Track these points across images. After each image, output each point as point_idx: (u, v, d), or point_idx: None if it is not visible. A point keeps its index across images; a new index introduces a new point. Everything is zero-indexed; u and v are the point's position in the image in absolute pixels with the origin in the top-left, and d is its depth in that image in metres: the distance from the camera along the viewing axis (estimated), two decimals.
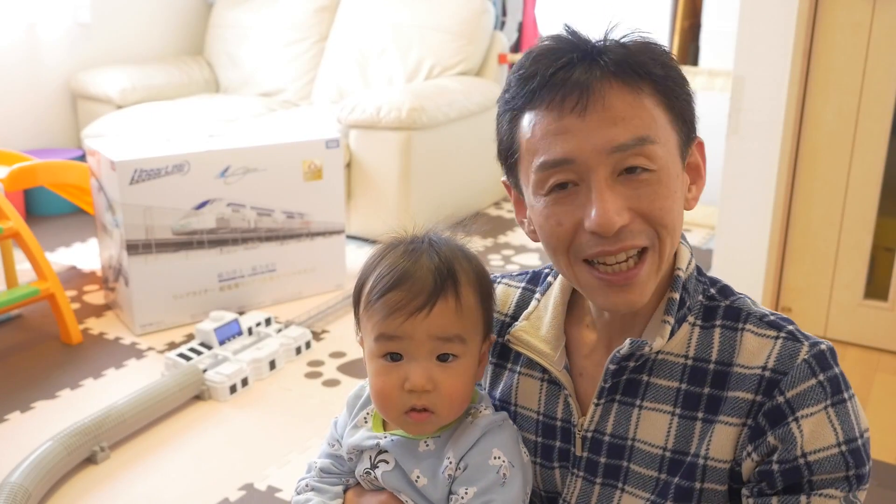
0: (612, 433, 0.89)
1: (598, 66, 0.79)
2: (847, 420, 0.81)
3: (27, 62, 3.96)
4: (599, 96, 0.78)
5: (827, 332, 2.65)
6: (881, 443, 2.09)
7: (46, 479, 1.82)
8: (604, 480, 0.90)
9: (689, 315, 0.87)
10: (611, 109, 0.78)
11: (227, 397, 2.28)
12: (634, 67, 0.79)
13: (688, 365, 0.86)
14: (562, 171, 0.80)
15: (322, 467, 0.99)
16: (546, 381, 0.94)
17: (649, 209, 0.80)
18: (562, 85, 0.79)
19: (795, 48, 2.43)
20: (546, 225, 0.83)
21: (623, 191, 0.79)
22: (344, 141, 3.29)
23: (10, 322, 2.75)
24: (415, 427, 0.88)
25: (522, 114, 0.83)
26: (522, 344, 0.94)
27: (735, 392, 0.83)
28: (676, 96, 0.82)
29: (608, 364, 0.86)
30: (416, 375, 0.85)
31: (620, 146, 0.78)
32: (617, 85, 0.78)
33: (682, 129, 0.83)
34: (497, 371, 0.99)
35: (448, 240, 0.92)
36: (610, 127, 0.78)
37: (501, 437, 0.90)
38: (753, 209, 2.62)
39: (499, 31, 4.03)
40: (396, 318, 0.85)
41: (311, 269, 2.97)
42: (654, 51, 0.82)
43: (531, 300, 0.98)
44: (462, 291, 0.87)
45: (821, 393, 0.80)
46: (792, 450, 0.80)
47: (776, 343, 0.83)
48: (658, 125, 0.80)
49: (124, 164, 2.50)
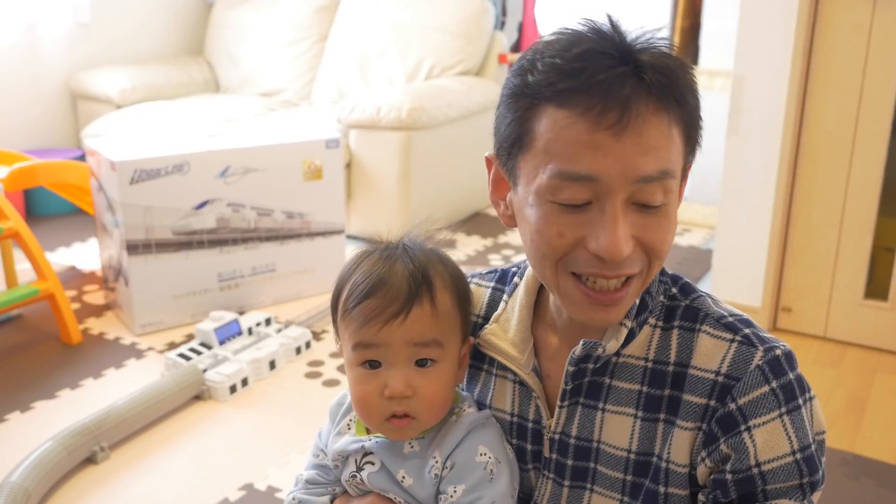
0: (578, 435, 0.88)
1: (643, 84, 0.74)
2: (801, 427, 0.80)
3: (27, 62, 3.96)
4: (639, 120, 0.73)
5: (827, 332, 2.65)
6: (881, 443, 2.09)
7: (46, 479, 1.82)
8: (572, 482, 0.90)
9: (651, 317, 0.86)
10: (645, 136, 0.74)
11: (227, 397, 2.28)
12: (676, 95, 0.75)
13: (648, 367, 0.85)
14: (581, 186, 0.75)
15: (308, 479, 1.00)
16: (517, 383, 0.94)
17: (652, 241, 0.78)
18: (605, 95, 0.73)
19: (795, 48, 2.43)
20: (545, 231, 0.79)
21: (633, 219, 0.77)
22: (344, 141, 3.29)
23: (10, 322, 2.75)
24: (396, 433, 0.88)
25: (547, 106, 0.76)
26: (491, 347, 0.93)
27: (690, 396, 0.82)
28: (696, 125, 0.79)
29: (567, 366, 0.86)
30: (394, 382, 0.85)
31: (646, 177, 0.75)
32: (655, 110, 0.74)
33: (689, 153, 0.81)
34: (473, 372, 0.99)
35: (423, 245, 0.92)
36: (641, 155, 0.74)
37: (486, 434, 0.90)
38: (753, 209, 2.62)
39: (499, 31, 4.03)
40: (373, 326, 0.85)
41: (311, 269, 2.97)
42: (688, 71, 0.78)
43: (500, 301, 0.97)
44: (437, 296, 0.87)
45: (773, 401, 0.79)
46: (745, 459, 0.79)
47: (731, 346, 0.82)
48: (678, 154, 0.78)
49: (124, 164, 2.50)
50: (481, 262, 3.32)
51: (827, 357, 2.55)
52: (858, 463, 2.00)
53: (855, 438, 2.10)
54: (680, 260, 3.31)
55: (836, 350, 2.60)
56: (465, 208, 3.83)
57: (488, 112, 3.75)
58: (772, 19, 2.46)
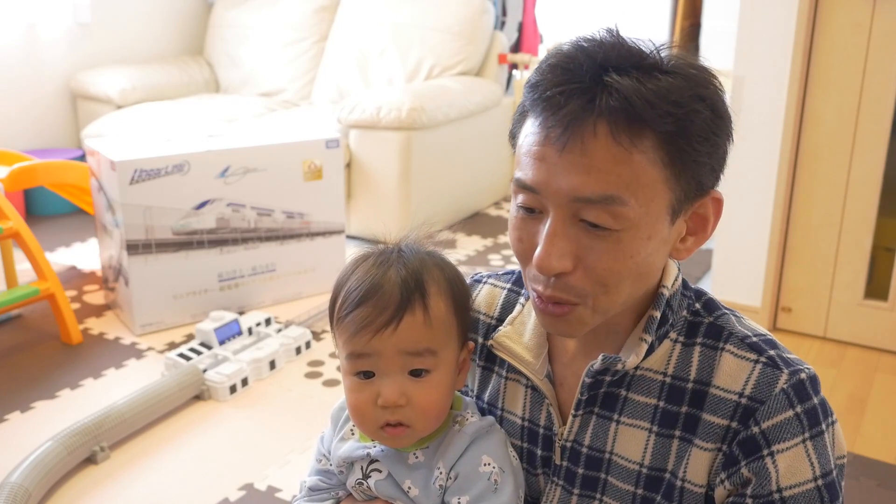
0: (590, 445, 0.88)
1: (594, 105, 0.72)
2: (824, 453, 0.79)
3: (27, 62, 3.96)
4: (580, 139, 0.72)
5: (827, 332, 2.65)
6: (881, 443, 2.09)
7: (46, 479, 1.82)
8: (581, 491, 0.89)
9: (672, 331, 0.85)
10: (589, 157, 0.73)
11: (227, 397, 2.28)
12: (633, 119, 0.72)
13: (666, 382, 0.84)
14: (528, 195, 0.78)
15: (311, 486, 0.99)
16: (530, 387, 0.93)
17: (594, 265, 0.76)
18: (554, 110, 0.74)
19: (795, 48, 2.43)
20: (512, 235, 0.82)
21: (578, 236, 0.76)
22: (344, 141, 3.29)
23: (10, 322, 2.75)
24: (391, 441, 0.88)
25: (527, 113, 0.80)
26: (505, 350, 0.92)
27: (711, 416, 0.81)
28: (684, 156, 0.75)
29: (584, 377, 0.85)
30: (387, 391, 0.85)
31: (584, 198, 0.74)
32: (604, 133, 0.72)
33: (683, 188, 0.76)
34: (485, 374, 0.98)
35: (420, 248, 0.91)
36: (582, 174, 0.73)
37: (490, 443, 0.89)
38: (753, 209, 2.62)
39: (499, 31, 4.03)
40: (364, 335, 0.84)
41: (311, 269, 2.97)
42: (680, 94, 0.73)
43: (517, 303, 0.96)
44: (431, 303, 0.85)
45: (797, 426, 0.78)
46: (766, 485, 0.78)
47: (755, 368, 0.81)
48: (640, 184, 0.73)
49: (124, 164, 2.50)
50: (481, 262, 3.32)
51: (827, 357, 2.55)
52: (858, 463, 2.00)
53: (855, 438, 2.11)
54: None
55: (836, 350, 2.60)
56: (465, 208, 3.83)
57: (488, 112, 3.75)
58: (772, 19, 2.46)
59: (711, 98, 0.76)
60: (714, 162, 0.78)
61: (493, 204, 4.05)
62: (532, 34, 4.37)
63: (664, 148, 0.74)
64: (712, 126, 0.76)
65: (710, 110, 0.75)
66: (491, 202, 4.04)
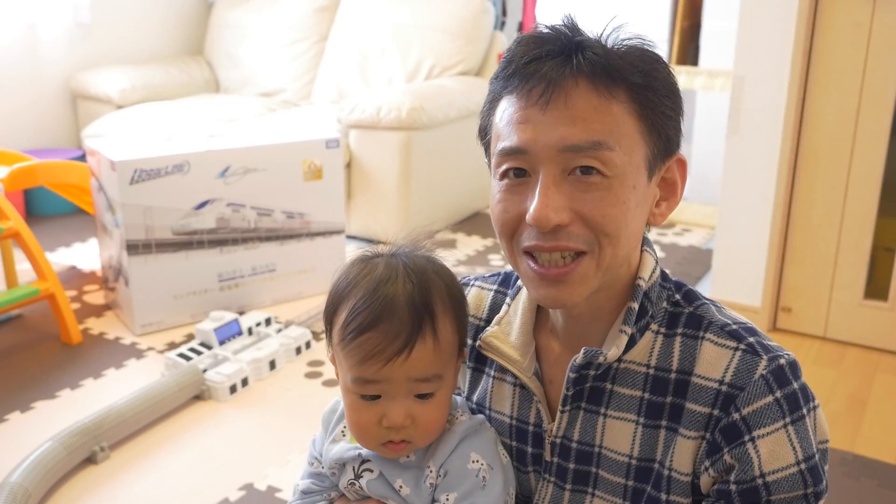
0: (580, 440, 0.88)
1: (570, 62, 0.78)
2: (805, 437, 0.80)
3: (27, 62, 3.96)
4: (563, 93, 0.77)
5: (827, 332, 2.65)
6: (881, 443, 2.09)
7: (46, 479, 1.82)
8: (573, 486, 0.90)
9: (653, 323, 0.86)
10: (572, 108, 0.77)
11: (227, 397, 2.28)
12: (609, 71, 0.78)
13: (650, 374, 0.85)
14: (516, 159, 0.80)
15: (304, 489, 1.00)
16: (518, 385, 0.94)
17: (591, 214, 0.78)
18: (532, 75, 0.79)
19: (795, 48, 2.43)
20: (496, 209, 0.84)
21: (570, 191, 0.78)
22: (344, 141, 3.29)
23: (10, 322, 2.75)
24: (392, 454, 0.88)
25: (500, 98, 0.83)
26: (493, 350, 0.93)
27: (693, 404, 0.82)
28: (654, 108, 0.80)
29: (568, 373, 0.85)
30: (393, 414, 0.85)
31: (573, 146, 0.77)
32: (585, 85, 0.78)
33: (655, 143, 0.81)
34: (475, 375, 0.99)
35: (418, 257, 0.89)
36: (568, 125, 0.77)
37: (479, 440, 0.90)
38: (753, 209, 2.62)
39: (499, 31, 4.03)
40: (374, 364, 0.83)
41: (311, 269, 2.97)
42: (641, 58, 0.80)
43: (503, 304, 0.97)
44: (439, 326, 0.85)
45: (777, 411, 0.79)
46: (749, 470, 0.79)
47: (735, 355, 0.81)
48: (622, 133, 0.78)
49: (124, 164, 2.50)
50: (481, 262, 3.32)
51: (827, 357, 2.55)
52: (858, 463, 2.00)
53: (855, 438, 2.11)
54: (680, 260, 3.31)
55: (836, 350, 2.60)
56: (465, 208, 3.83)
57: None
58: (772, 19, 2.46)
59: (665, 67, 0.83)
60: (677, 119, 0.83)
61: None
62: None
63: (637, 100, 0.79)
64: (672, 85, 0.82)
65: (667, 72, 0.82)
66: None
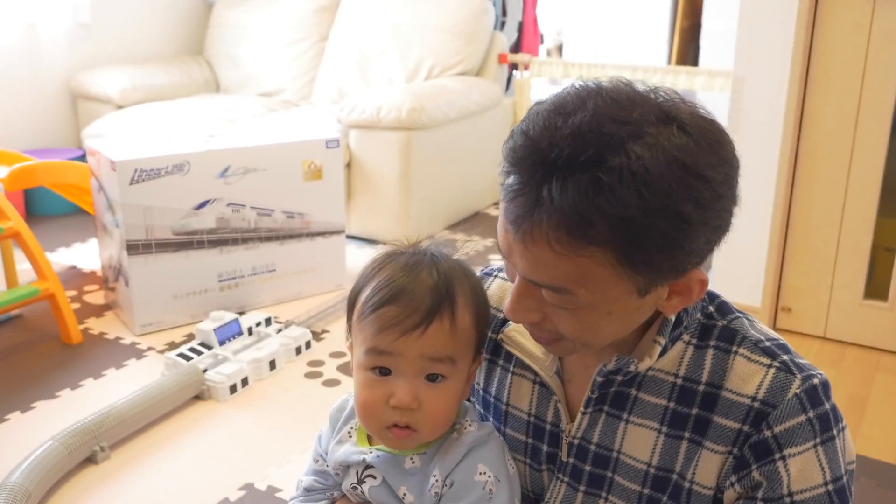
0: (599, 443, 0.88)
1: (534, 212, 0.71)
2: (834, 458, 0.79)
3: (27, 62, 3.96)
4: (526, 234, 0.73)
5: (827, 332, 2.65)
6: (881, 443, 2.09)
7: (46, 479, 1.82)
8: (587, 488, 0.90)
9: (685, 333, 0.85)
10: (532, 252, 0.73)
11: (227, 397, 2.28)
12: (573, 233, 0.70)
13: (677, 384, 0.84)
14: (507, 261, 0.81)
15: (307, 486, 1.00)
16: (538, 383, 0.94)
17: (562, 329, 0.79)
18: (508, 200, 0.74)
19: (795, 48, 2.43)
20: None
21: (541, 298, 0.78)
22: (344, 141, 3.29)
23: (10, 322, 2.75)
24: (395, 442, 0.88)
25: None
26: (514, 345, 0.93)
27: (722, 419, 0.82)
28: (641, 259, 0.71)
29: (595, 376, 0.85)
30: (402, 392, 0.85)
31: (535, 283, 0.76)
32: (542, 240, 0.72)
33: (647, 276, 0.74)
34: (490, 367, 0.99)
35: (449, 255, 0.91)
36: (529, 262, 0.74)
37: (487, 452, 0.89)
38: (753, 209, 2.62)
39: (499, 31, 4.02)
40: (390, 334, 0.84)
41: (311, 269, 2.97)
42: (638, 207, 0.68)
43: None
44: (458, 313, 0.86)
45: (810, 431, 0.79)
46: (777, 488, 0.78)
47: (768, 372, 0.81)
48: (589, 279, 0.73)
49: (124, 164, 2.50)
50: (481, 262, 3.32)
51: (827, 357, 2.55)
52: (858, 463, 2.00)
53: (855, 438, 2.11)
54: None
55: (835, 350, 2.60)
56: (465, 208, 3.83)
57: (488, 112, 3.75)
58: (772, 19, 2.46)
59: (695, 193, 0.70)
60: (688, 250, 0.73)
61: (493, 204, 4.05)
62: (532, 34, 4.37)
63: (612, 254, 0.71)
64: (678, 232, 0.71)
65: (677, 216, 0.70)
66: (491, 202, 4.04)
